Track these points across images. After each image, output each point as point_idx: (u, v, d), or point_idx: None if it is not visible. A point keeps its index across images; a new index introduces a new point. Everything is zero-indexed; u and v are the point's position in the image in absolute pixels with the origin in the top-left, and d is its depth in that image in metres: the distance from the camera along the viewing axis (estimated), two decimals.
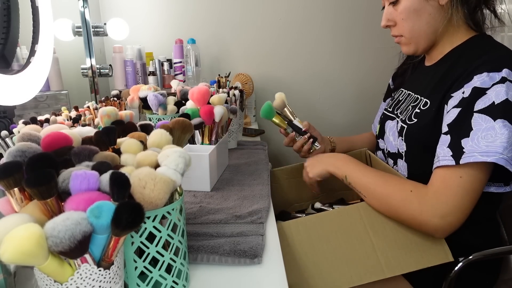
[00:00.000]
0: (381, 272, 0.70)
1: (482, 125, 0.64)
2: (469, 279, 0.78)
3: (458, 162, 0.64)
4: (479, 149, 0.63)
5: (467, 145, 0.65)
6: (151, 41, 1.75)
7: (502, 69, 0.66)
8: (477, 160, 0.63)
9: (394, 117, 0.89)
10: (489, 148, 0.62)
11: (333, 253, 0.73)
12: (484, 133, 0.64)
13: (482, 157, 0.62)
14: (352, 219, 0.76)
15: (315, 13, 1.82)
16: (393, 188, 0.72)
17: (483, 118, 0.65)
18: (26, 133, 0.46)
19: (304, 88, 1.90)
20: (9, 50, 0.78)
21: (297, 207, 1.10)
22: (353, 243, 0.74)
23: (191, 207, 0.77)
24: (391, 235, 0.73)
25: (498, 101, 0.64)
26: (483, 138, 0.63)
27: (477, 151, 0.63)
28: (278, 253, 0.62)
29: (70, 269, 0.35)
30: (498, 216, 0.88)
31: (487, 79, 0.66)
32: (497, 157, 0.62)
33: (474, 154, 0.63)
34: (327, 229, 0.75)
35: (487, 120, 0.64)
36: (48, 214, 0.37)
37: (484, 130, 0.64)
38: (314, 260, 0.73)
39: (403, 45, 0.84)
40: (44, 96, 1.22)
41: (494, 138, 0.62)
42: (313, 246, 0.74)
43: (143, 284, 0.47)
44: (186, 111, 0.88)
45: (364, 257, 0.72)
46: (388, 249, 0.72)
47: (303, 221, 0.78)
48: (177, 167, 0.45)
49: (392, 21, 0.82)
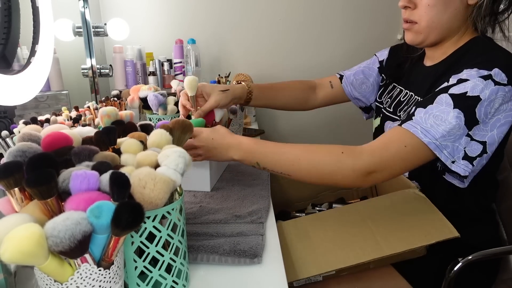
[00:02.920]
0: (380, 251, 0.68)
1: (442, 105, 0.65)
2: (468, 278, 0.78)
3: (400, 124, 0.67)
4: (424, 124, 0.65)
5: (418, 114, 0.66)
6: (151, 41, 1.75)
7: (493, 68, 0.65)
8: (416, 134, 0.64)
9: (396, 118, 0.89)
10: (431, 128, 0.64)
11: (330, 240, 0.72)
12: (438, 113, 0.65)
13: (421, 134, 0.64)
14: (351, 214, 0.76)
15: (315, 13, 1.82)
16: (321, 156, 0.68)
17: (447, 100, 0.65)
18: (27, 133, 0.47)
19: None
20: (9, 50, 0.78)
21: (297, 207, 1.10)
22: (351, 230, 0.73)
23: (191, 207, 0.77)
24: (391, 222, 0.73)
25: (470, 94, 0.64)
26: (434, 116, 0.65)
27: (421, 125, 0.65)
28: (278, 253, 0.62)
29: (70, 269, 0.35)
30: (498, 216, 0.88)
31: (474, 73, 0.66)
32: (431, 140, 0.63)
33: (417, 126, 0.65)
34: (326, 226, 0.75)
35: (449, 104, 0.65)
36: (48, 214, 0.37)
37: (440, 111, 0.65)
38: (310, 250, 0.72)
39: (412, 32, 0.79)
40: (45, 96, 1.23)
41: (440, 123, 0.64)
42: (310, 240, 0.74)
43: (143, 284, 0.47)
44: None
45: (362, 240, 0.71)
46: (387, 232, 0.71)
47: (303, 220, 0.78)
48: (177, 167, 0.45)
49: (413, 3, 0.76)
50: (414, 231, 0.70)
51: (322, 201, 1.09)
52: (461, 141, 0.64)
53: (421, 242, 0.69)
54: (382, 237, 0.70)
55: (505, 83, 0.64)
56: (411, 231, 0.70)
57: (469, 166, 0.65)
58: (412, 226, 0.71)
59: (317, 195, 1.11)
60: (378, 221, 0.73)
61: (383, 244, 0.69)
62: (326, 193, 1.11)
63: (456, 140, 0.64)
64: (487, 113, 0.64)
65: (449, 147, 0.64)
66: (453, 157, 0.64)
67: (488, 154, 0.66)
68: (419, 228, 0.71)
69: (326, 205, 1.00)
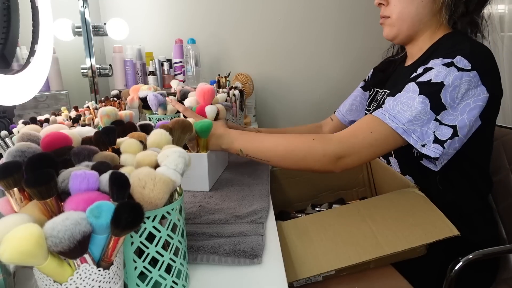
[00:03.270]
0: (381, 249, 0.69)
1: (409, 93, 0.69)
2: (469, 278, 0.78)
3: (371, 112, 0.71)
4: (392, 111, 0.69)
5: (387, 103, 0.71)
6: (151, 41, 1.75)
7: (456, 56, 0.69)
8: (384, 120, 0.69)
9: None
10: (399, 114, 0.68)
11: (330, 240, 0.72)
12: (404, 100, 0.69)
13: (388, 120, 0.68)
14: (351, 214, 0.76)
15: (315, 13, 1.82)
16: (296, 142, 0.75)
17: (413, 88, 0.69)
18: (26, 133, 0.46)
19: (304, 88, 1.90)
20: (9, 50, 0.78)
21: (297, 207, 1.10)
22: (351, 230, 0.73)
23: (190, 207, 0.77)
24: (391, 221, 0.73)
25: (434, 80, 0.68)
26: (401, 103, 0.69)
27: (389, 112, 0.70)
28: (278, 253, 0.62)
29: (70, 269, 0.35)
30: (497, 215, 0.88)
31: (438, 62, 0.70)
32: (398, 125, 0.68)
33: (385, 113, 0.69)
34: (326, 226, 0.75)
35: (415, 91, 0.69)
36: (47, 214, 0.37)
37: (407, 98, 0.69)
38: (310, 250, 0.72)
39: (387, 26, 0.85)
40: (44, 96, 1.22)
41: (407, 108, 0.68)
42: (310, 240, 0.74)
43: (142, 284, 0.47)
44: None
45: (363, 239, 0.71)
46: (388, 231, 0.71)
47: (303, 220, 0.78)
48: (176, 167, 0.45)
49: (385, 0, 0.83)
50: (415, 230, 0.70)
51: (322, 201, 1.09)
52: (429, 126, 0.68)
53: (421, 240, 0.69)
54: (382, 236, 0.70)
55: (469, 69, 0.68)
56: (411, 230, 0.70)
57: (439, 149, 0.68)
58: (412, 225, 0.71)
59: (317, 196, 1.11)
60: (378, 221, 0.73)
61: (383, 243, 0.69)
62: (326, 193, 1.11)
63: (424, 124, 0.67)
64: (454, 98, 0.68)
65: (417, 131, 0.67)
66: (423, 141, 0.68)
67: (460, 137, 0.69)
68: (419, 227, 0.71)
69: (326, 205, 1.00)
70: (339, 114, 1.16)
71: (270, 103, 1.89)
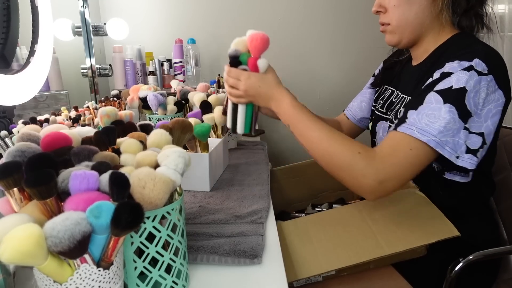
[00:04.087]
0: (381, 250, 0.68)
1: (432, 104, 0.66)
2: (469, 278, 0.78)
3: (395, 128, 0.67)
4: (419, 124, 0.65)
5: (410, 117, 0.67)
6: (151, 41, 1.75)
7: (473, 59, 0.67)
8: (413, 135, 0.64)
9: (387, 118, 0.90)
10: (427, 127, 0.64)
11: (330, 240, 0.72)
12: (429, 112, 0.65)
13: (418, 134, 0.64)
14: (351, 214, 0.76)
15: (315, 13, 1.82)
16: (340, 148, 0.69)
17: (436, 98, 0.66)
18: (26, 133, 0.46)
19: (303, 87, 1.90)
20: (8, 50, 0.78)
21: (297, 207, 1.10)
22: (351, 230, 0.73)
23: (191, 207, 0.77)
24: (391, 222, 0.73)
25: (456, 86, 0.65)
26: (427, 115, 0.65)
27: (416, 126, 0.65)
28: (278, 253, 0.62)
29: (70, 269, 0.35)
30: (498, 216, 0.88)
31: (456, 66, 0.67)
32: (430, 138, 0.63)
33: (413, 128, 0.65)
34: (327, 226, 0.75)
35: (438, 100, 0.66)
36: (47, 214, 0.37)
37: (431, 109, 0.65)
38: (310, 250, 0.72)
39: (388, 33, 0.83)
40: (44, 96, 1.22)
41: (435, 120, 0.64)
42: (310, 240, 0.74)
43: (142, 284, 0.47)
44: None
45: (363, 239, 0.71)
46: (388, 232, 0.71)
47: (303, 220, 0.78)
48: (176, 167, 0.45)
49: (383, 8, 0.81)
50: (415, 231, 0.70)
51: (322, 201, 1.09)
52: (460, 135, 0.65)
53: (421, 241, 0.69)
54: (383, 236, 0.70)
55: (486, 73, 0.66)
56: (411, 231, 0.70)
57: (474, 159, 0.65)
58: (412, 225, 0.71)
59: (317, 195, 1.11)
60: (378, 221, 0.73)
61: (383, 244, 0.69)
62: (326, 193, 1.11)
63: (455, 134, 0.64)
64: (477, 103, 0.66)
65: (450, 143, 0.64)
66: (456, 152, 0.65)
67: (487, 145, 0.67)
68: (419, 228, 0.71)
69: (326, 205, 1.00)
70: (348, 113, 1.12)
71: None
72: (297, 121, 0.74)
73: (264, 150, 1.23)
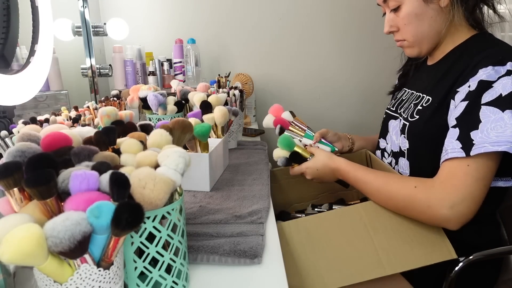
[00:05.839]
0: (382, 269, 0.70)
1: (491, 117, 0.65)
2: (470, 279, 0.78)
3: (468, 154, 0.65)
4: (489, 139, 0.64)
5: (476, 137, 0.66)
6: (151, 41, 1.75)
7: (507, 63, 0.67)
8: (488, 151, 0.63)
9: (397, 116, 0.90)
10: (499, 138, 0.63)
11: (333, 252, 0.73)
12: (493, 125, 0.65)
13: (493, 147, 0.63)
14: (352, 219, 0.75)
15: (315, 13, 1.82)
16: (396, 187, 0.72)
17: (491, 110, 0.66)
18: (26, 133, 0.46)
19: (304, 87, 1.90)
20: (8, 50, 0.78)
21: (297, 207, 1.10)
22: (353, 241, 0.73)
23: (191, 207, 0.77)
24: (392, 233, 0.73)
25: (505, 93, 0.65)
26: (492, 129, 0.65)
27: (488, 142, 0.64)
28: (278, 253, 0.62)
29: (70, 269, 0.35)
30: (498, 216, 0.88)
31: (492, 73, 0.68)
32: (508, 146, 0.63)
33: (485, 145, 0.64)
34: (327, 228, 0.75)
35: (496, 111, 0.65)
36: (47, 214, 0.37)
37: (493, 122, 0.65)
38: (313, 259, 0.73)
39: (406, 48, 0.85)
40: (44, 96, 1.22)
41: (504, 129, 0.64)
42: (312, 246, 0.74)
43: (143, 284, 0.47)
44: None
45: (365, 255, 0.72)
46: (389, 247, 0.72)
47: (303, 221, 0.78)
48: (177, 167, 0.45)
49: (395, 27, 0.83)
50: (415, 249, 0.71)
51: (322, 201, 1.09)
52: None
53: (420, 262, 0.70)
54: (384, 254, 0.71)
55: None
56: (412, 247, 0.71)
57: None
58: (412, 241, 0.72)
59: (317, 196, 1.11)
60: (379, 231, 0.73)
61: (384, 263, 0.71)
62: (326, 193, 1.11)
63: None
64: None
65: None
66: None
67: None
68: (419, 245, 0.71)
69: (326, 206, 1.00)
70: None
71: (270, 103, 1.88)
72: (354, 180, 0.82)
73: (264, 150, 1.23)
